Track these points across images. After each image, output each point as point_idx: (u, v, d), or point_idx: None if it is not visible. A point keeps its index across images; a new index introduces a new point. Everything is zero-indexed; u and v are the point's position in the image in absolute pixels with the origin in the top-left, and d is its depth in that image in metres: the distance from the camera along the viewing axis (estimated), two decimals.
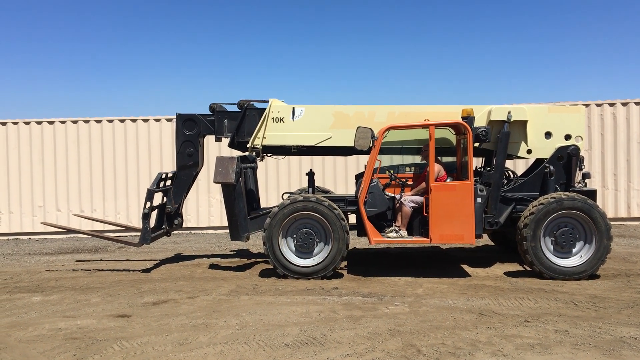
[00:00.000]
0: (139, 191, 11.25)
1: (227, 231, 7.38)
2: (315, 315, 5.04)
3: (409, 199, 6.80)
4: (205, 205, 11.66)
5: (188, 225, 11.03)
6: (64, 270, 7.69)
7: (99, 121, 11.63)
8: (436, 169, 6.62)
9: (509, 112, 6.85)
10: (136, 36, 34.28)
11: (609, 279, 6.37)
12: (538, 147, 7.03)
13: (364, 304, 5.40)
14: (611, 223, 6.42)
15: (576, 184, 6.98)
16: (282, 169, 11.46)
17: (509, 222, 6.82)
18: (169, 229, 7.72)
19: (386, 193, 6.81)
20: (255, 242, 9.37)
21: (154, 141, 11.62)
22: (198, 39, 34.34)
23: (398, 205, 6.83)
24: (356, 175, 8.28)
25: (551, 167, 6.78)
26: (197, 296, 5.92)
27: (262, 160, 7.72)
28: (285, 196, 7.02)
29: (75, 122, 11.61)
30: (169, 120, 11.53)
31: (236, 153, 7.60)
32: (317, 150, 7.54)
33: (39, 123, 11.61)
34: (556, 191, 6.67)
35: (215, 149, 11.10)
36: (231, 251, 9.15)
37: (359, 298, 5.67)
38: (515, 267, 7.17)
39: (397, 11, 32.69)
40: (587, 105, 11.17)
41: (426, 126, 6.59)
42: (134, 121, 11.64)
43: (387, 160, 7.64)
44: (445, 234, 6.40)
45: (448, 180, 6.78)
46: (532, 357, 3.88)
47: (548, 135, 7.00)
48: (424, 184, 6.78)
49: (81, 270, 7.69)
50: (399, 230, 6.71)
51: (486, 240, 8.95)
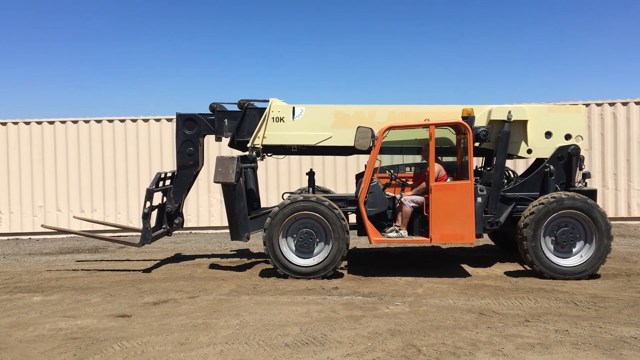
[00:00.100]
0: (139, 191, 11.25)
1: (228, 231, 7.38)
2: (316, 315, 5.04)
3: (409, 199, 6.80)
4: (205, 205, 11.66)
5: (188, 225, 11.02)
6: (64, 270, 7.69)
7: (99, 121, 11.63)
8: (436, 168, 6.62)
9: (509, 112, 6.85)
10: (136, 36, 34.32)
11: (609, 279, 6.37)
12: (538, 146, 7.03)
13: (364, 304, 5.40)
14: (611, 223, 6.42)
15: (576, 184, 6.98)
16: (282, 168, 11.46)
17: (509, 221, 6.82)
18: (169, 228, 7.72)
19: (386, 193, 6.81)
20: (256, 242, 9.38)
21: (154, 141, 11.62)
22: (198, 39, 34.37)
23: (398, 205, 6.83)
24: (356, 175, 8.28)
25: (551, 167, 6.78)
26: (197, 296, 5.93)
27: (262, 159, 7.72)
28: (286, 196, 7.03)
29: (75, 122, 11.62)
30: (169, 120, 11.53)
31: (236, 153, 7.60)
32: (318, 150, 7.54)
33: (39, 123, 11.62)
34: (556, 191, 6.67)
35: (215, 148, 11.10)
36: (231, 251, 9.15)
37: (359, 298, 5.67)
38: (515, 266, 7.17)
39: (397, 11, 32.71)
40: (587, 105, 11.17)
41: (426, 126, 6.59)
42: (134, 121, 11.64)
43: (387, 160, 7.64)
44: (446, 234, 6.40)
45: (448, 180, 6.79)
46: (533, 356, 3.89)
47: (548, 135, 7.01)
48: (424, 184, 6.78)
49: (81, 270, 7.69)
50: (399, 230, 6.72)
51: (486, 240, 8.96)
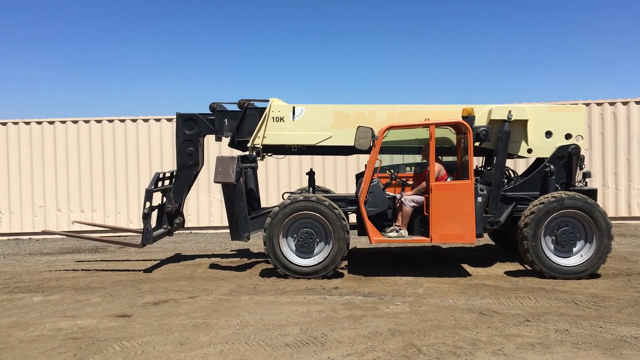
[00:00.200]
0: (139, 191, 11.25)
1: (228, 231, 7.38)
2: (316, 314, 5.04)
3: (409, 199, 6.80)
4: (205, 205, 11.66)
5: (188, 225, 11.01)
6: (64, 270, 7.69)
7: (99, 121, 11.63)
8: (436, 168, 6.62)
9: (510, 112, 6.85)
10: (136, 36, 34.32)
11: (609, 278, 6.37)
12: (538, 146, 7.03)
13: (365, 304, 5.40)
14: (612, 222, 6.42)
15: (577, 183, 6.97)
16: (283, 168, 11.45)
17: (509, 221, 6.82)
18: (170, 228, 7.73)
19: (387, 192, 6.81)
20: (256, 242, 9.37)
21: (154, 141, 11.62)
22: (198, 39, 34.37)
23: (398, 204, 6.83)
24: (356, 175, 8.27)
25: (552, 167, 6.78)
26: (197, 296, 5.92)
27: (262, 159, 7.72)
28: (286, 196, 7.02)
29: (75, 122, 11.62)
30: (169, 120, 11.52)
31: (236, 152, 7.60)
32: (318, 149, 7.54)
33: (39, 123, 11.61)
34: (557, 190, 6.67)
35: (215, 148, 11.10)
36: (232, 251, 9.15)
37: (359, 297, 5.67)
38: (515, 266, 7.17)
39: (397, 11, 32.71)
40: (587, 105, 11.17)
41: (426, 125, 6.59)
42: (134, 121, 11.64)
43: (387, 159, 7.64)
44: (446, 234, 6.40)
45: (448, 180, 6.78)
46: (533, 356, 3.88)
47: (548, 134, 7.00)
48: (424, 184, 6.78)
49: (82, 270, 7.69)
50: (400, 229, 6.71)
51: (487, 239, 8.95)
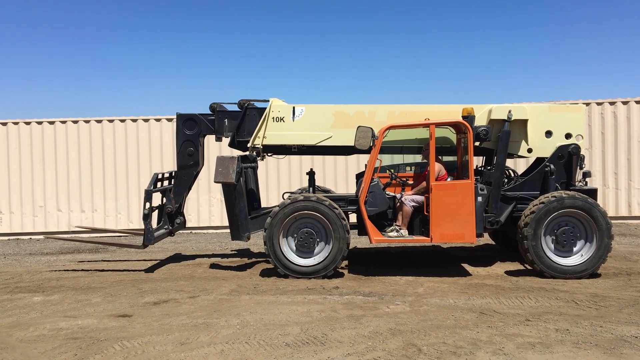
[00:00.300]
0: (140, 191, 11.24)
1: (228, 231, 7.38)
2: (316, 314, 5.04)
3: (409, 198, 6.80)
4: (205, 205, 11.66)
5: (189, 225, 10.99)
6: (64, 270, 7.69)
7: (99, 121, 11.63)
8: (437, 168, 6.62)
9: (510, 111, 6.85)
10: (136, 36, 34.32)
11: (609, 278, 6.37)
12: (539, 146, 7.03)
13: (365, 303, 5.40)
14: (612, 222, 6.42)
15: (577, 183, 6.98)
16: (283, 168, 11.45)
17: (509, 221, 6.82)
18: (172, 228, 7.73)
19: (387, 192, 6.81)
20: (256, 242, 9.38)
21: (155, 141, 11.62)
22: (198, 39, 34.37)
23: (399, 204, 6.83)
24: (357, 175, 8.27)
25: (552, 166, 6.78)
26: (198, 296, 5.93)
27: (262, 159, 7.72)
28: (286, 196, 7.02)
29: (75, 122, 11.62)
30: (169, 120, 11.53)
31: (237, 153, 7.60)
32: (318, 149, 7.54)
33: (40, 123, 11.61)
34: (557, 190, 6.67)
35: (215, 148, 11.10)
36: (232, 251, 9.15)
37: (359, 297, 5.67)
38: (516, 266, 7.17)
39: (397, 11, 32.70)
40: (587, 104, 11.16)
41: (427, 125, 6.59)
42: (134, 121, 11.64)
43: (387, 159, 7.63)
44: (446, 233, 6.40)
45: (449, 180, 6.79)
46: (533, 356, 3.88)
47: (549, 134, 7.00)
48: (424, 183, 6.78)
49: (82, 270, 7.69)
50: (400, 229, 6.71)
51: (487, 239, 8.95)
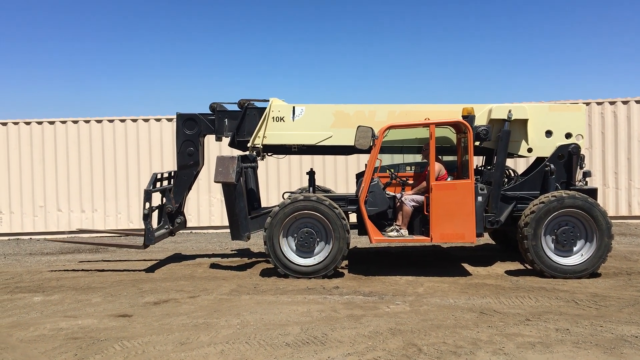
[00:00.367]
0: (140, 191, 11.23)
1: (228, 231, 7.38)
2: (316, 314, 5.04)
3: (409, 198, 6.80)
4: (206, 204, 11.66)
5: (189, 224, 10.99)
6: (65, 270, 7.69)
7: (99, 121, 11.62)
8: (437, 167, 6.62)
9: (510, 111, 6.85)
10: (136, 36, 34.31)
11: (610, 278, 6.37)
12: (539, 145, 7.02)
13: (365, 303, 5.40)
14: (612, 221, 6.42)
15: (577, 183, 6.97)
16: (283, 168, 11.45)
17: (509, 220, 6.82)
18: (172, 228, 7.73)
19: (387, 192, 6.81)
20: (256, 242, 9.38)
21: (155, 141, 11.62)
22: (198, 39, 34.37)
23: (399, 204, 6.83)
24: (357, 175, 8.27)
25: (552, 166, 6.78)
26: (198, 296, 5.93)
27: (262, 159, 7.72)
28: (286, 195, 7.02)
29: (75, 122, 11.62)
30: (169, 120, 11.52)
31: (237, 152, 7.60)
32: (318, 149, 7.54)
33: (40, 123, 11.61)
34: (557, 190, 6.66)
35: (215, 148, 11.10)
36: (232, 251, 9.15)
37: (359, 297, 5.67)
38: (516, 265, 7.17)
39: (397, 11, 32.70)
40: (587, 104, 11.16)
41: (427, 125, 6.59)
42: (134, 121, 11.63)
43: (387, 159, 7.63)
44: (446, 233, 6.40)
45: (449, 179, 6.78)
46: (534, 355, 3.88)
47: (549, 133, 7.00)
48: (424, 183, 6.78)
49: (82, 270, 7.69)
50: (400, 229, 6.71)
51: (487, 239, 8.95)
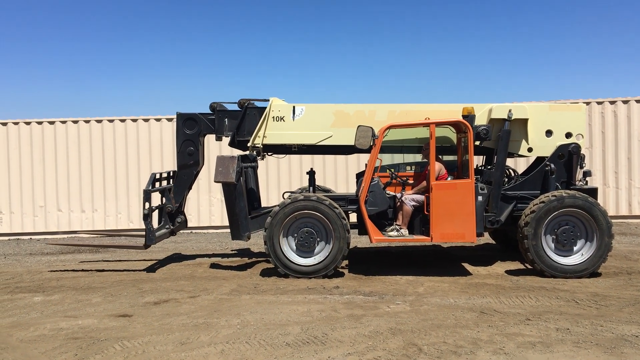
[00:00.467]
0: (140, 191, 11.17)
1: (228, 230, 7.38)
2: (317, 314, 5.04)
3: (409, 198, 6.80)
4: (206, 204, 11.66)
5: (189, 224, 11.00)
6: (65, 270, 7.69)
7: (99, 121, 11.62)
8: (437, 167, 6.61)
9: (510, 111, 6.84)
10: (136, 36, 34.31)
11: (610, 277, 6.36)
12: (539, 145, 7.02)
13: (365, 303, 5.40)
14: (612, 221, 6.42)
15: (577, 182, 6.97)
16: (283, 168, 11.45)
17: (510, 220, 6.82)
18: (173, 228, 7.73)
19: (387, 192, 6.80)
20: (256, 242, 9.37)
21: (155, 141, 11.62)
22: (198, 39, 34.37)
23: (399, 204, 6.83)
24: (357, 174, 8.27)
25: (552, 165, 6.77)
26: (198, 295, 5.93)
27: (262, 159, 7.72)
28: (286, 195, 7.02)
29: (75, 122, 11.61)
30: (169, 120, 11.52)
31: (237, 152, 7.59)
32: (318, 149, 7.54)
33: (40, 123, 11.61)
34: (557, 189, 6.66)
35: (215, 148, 11.10)
36: (232, 250, 9.15)
37: (360, 297, 5.67)
38: (516, 265, 7.17)
39: (397, 10, 32.69)
40: (587, 103, 11.15)
41: (427, 125, 6.58)
42: (134, 121, 11.63)
43: (387, 159, 7.63)
44: (446, 233, 6.40)
45: (449, 179, 6.78)
46: (534, 355, 3.88)
47: (549, 133, 7.00)
48: (424, 183, 6.78)
49: (82, 270, 7.69)
50: (400, 229, 6.71)
51: (487, 238, 8.95)
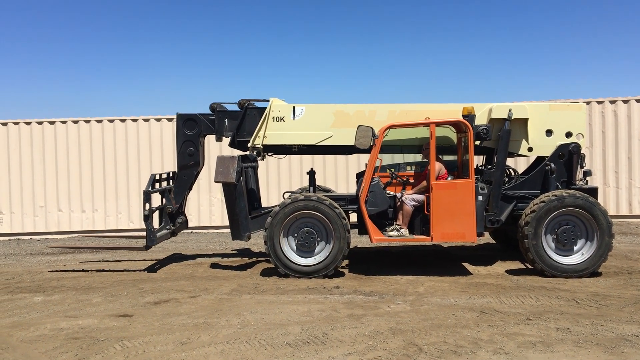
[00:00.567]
0: (140, 191, 11.19)
1: (229, 230, 7.38)
2: (317, 314, 5.04)
3: (410, 198, 6.80)
4: (206, 204, 11.66)
5: (189, 224, 11.03)
6: (65, 270, 7.70)
7: (99, 121, 11.62)
8: (437, 167, 6.62)
9: (510, 110, 6.84)
10: (136, 36, 34.31)
11: (610, 277, 6.36)
12: (539, 144, 7.02)
13: (366, 303, 5.40)
14: (612, 220, 6.42)
15: (577, 182, 6.97)
16: (283, 168, 11.45)
17: (510, 220, 6.81)
18: (174, 228, 7.73)
19: (387, 192, 6.81)
20: (257, 242, 9.38)
21: (155, 141, 11.62)
22: (197, 39, 34.37)
23: (399, 203, 6.83)
24: (357, 174, 8.27)
25: (552, 165, 6.77)
26: (198, 295, 5.93)
27: (262, 159, 7.72)
28: (287, 195, 7.02)
29: (75, 122, 11.61)
30: (169, 120, 11.52)
31: (237, 152, 7.59)
32: (318, 149, 7.54)
33: (40, 123, 11.61)
34: (557, 189, 6.66)
35: (216, 148, 11.10)
36: (232, 250, 9.15)
37: (360, 297, 5.67)
38: (516, 265, 7.17)
39: (397, 10, 32.69)
40: (588, 103, 11.15)
41: (427, 124, 6.58)
42: (134, 121, 11.63)
43: (388, 158, 7.63)
44: (447, 232, 6.40)
45: (449, 179, 6.78)
46: (534, 355, 3.88)
47: (549, 133, 7.00)
48: (425, 183, 6.78)
49: (82, 270, 7.70)
50: (400, 228, 6.71)
51: (487, 238, 8.95)
